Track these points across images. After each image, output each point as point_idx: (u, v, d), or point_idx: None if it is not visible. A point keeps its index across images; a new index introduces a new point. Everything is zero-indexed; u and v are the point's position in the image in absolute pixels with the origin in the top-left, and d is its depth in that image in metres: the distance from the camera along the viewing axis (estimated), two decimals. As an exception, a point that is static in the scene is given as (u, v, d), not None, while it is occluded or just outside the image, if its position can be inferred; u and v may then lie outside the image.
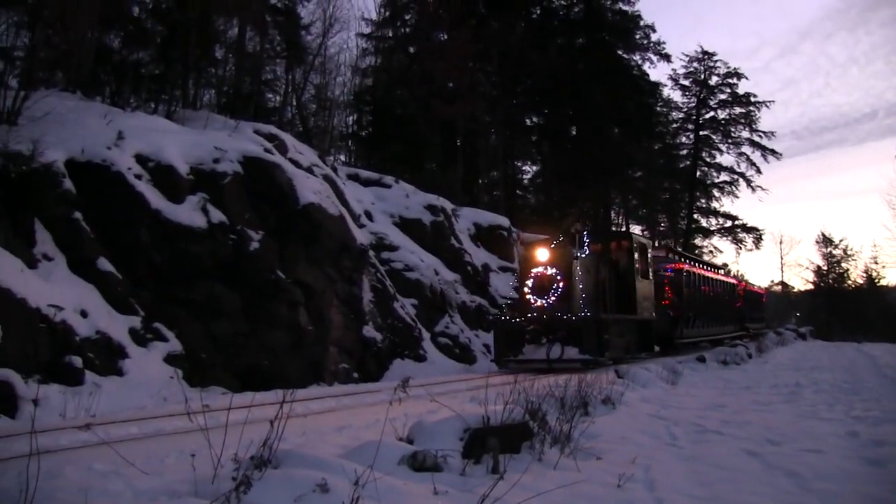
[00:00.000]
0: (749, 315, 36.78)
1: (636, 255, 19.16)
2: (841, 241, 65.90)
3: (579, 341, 15.65)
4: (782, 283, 73.26)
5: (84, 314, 12.40)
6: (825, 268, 66.43)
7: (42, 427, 6.67)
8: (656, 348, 22.20)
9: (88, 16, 19.30)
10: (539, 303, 16.66)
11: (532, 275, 16.96)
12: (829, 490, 5.14)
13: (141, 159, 15.29)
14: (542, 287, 16.72)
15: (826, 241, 66.21)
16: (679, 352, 22.68)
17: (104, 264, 13.70)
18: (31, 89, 15.66)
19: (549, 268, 16.79)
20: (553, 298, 16.50)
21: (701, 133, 54.17)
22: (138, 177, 14.91)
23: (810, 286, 69.56)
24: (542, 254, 16.97)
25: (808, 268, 67.74)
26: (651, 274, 20.52)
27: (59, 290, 12.22)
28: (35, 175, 12.53)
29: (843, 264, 65.95)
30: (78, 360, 11.53)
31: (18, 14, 18.59)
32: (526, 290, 17.02)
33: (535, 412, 6.52)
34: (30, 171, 12.40)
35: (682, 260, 26.57)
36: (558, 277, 16.59)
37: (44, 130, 13.84)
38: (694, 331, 25.32)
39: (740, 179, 54.14)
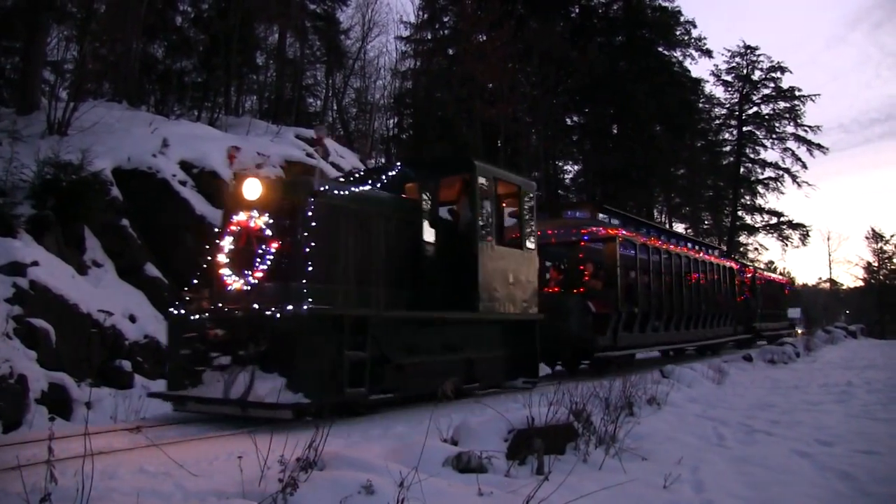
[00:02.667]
0: (761, 312, 28.84)
1: (485, 204, 10.89)
2: (892, 236, 64.33)
3: (289, 364, 7.58)
4: (830, 281, 71.84)
5: (133, 319, 12.66)
6: (876, 264, 64.91)
7: (95, 429, 6.83)
8: (548, 369, 14.89)
9: (134, 28, 19.77)
10: (237, 283, 8.44)
11: (230, 229, 8.69)
12: (889, 494, 4.99)
13: (185, 166, 15.60)
14: (242, 253, 8.49)
15: (877, 236, 64.73)
16: (611, 371, 13.97)
17: (151, 270, 13.99)
18: (80, 101, 16.09)
19: (256, 215, 8.48)
20: (260, 275, 8.30)
21: (744, 129, 53.32)
22: (183, 183, 15.20)
23: (860, 283, 68.09)
24: (250, 188, 8.59)
25: (857, 264, 66.25)
26: (531, 240, 12.25)
27: (108, 296, 12.50)
28: (84, 184, 12.84)
29: (896, 260, 64.36)
30: (127, 364, 11.80)
31: (68, 28, 19.11)
32: (221, 258, 8.68)
33: (579, 413, 6.48)
34: (79, 180, 12.71)
35: (623, 225, 17.82)
36: (267, 234, 8.38)
37: (92, 140, 14.22)
38: (645, 336, 17.12)
39: (785, 175, 53.21)
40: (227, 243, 8.67)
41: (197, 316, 8.52)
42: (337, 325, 7.98)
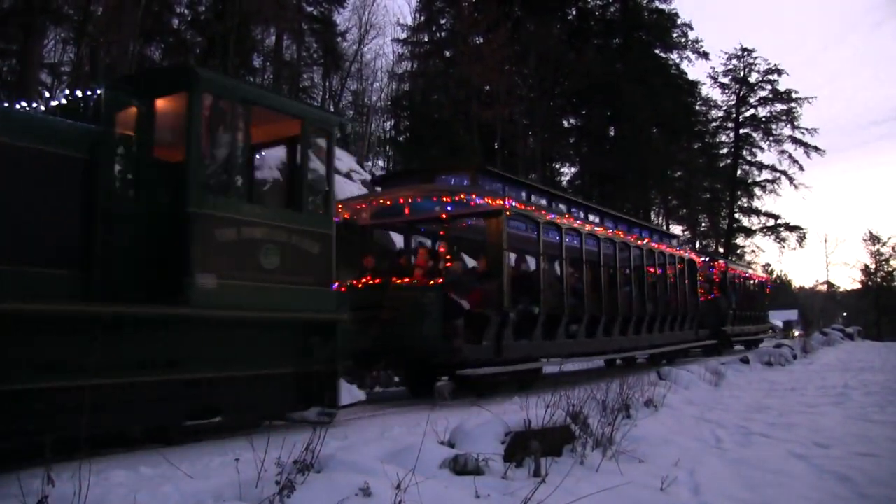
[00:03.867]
0: (734, 313, 24.66)
1: (221, 139, 7.62)
2: (889, 238, 64.39)
3: None
4: (828, 283, 71.99)
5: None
6: (873, 266, 65.01)
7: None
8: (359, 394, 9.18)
9: (130, 30, 19.77)
10: None
11: None
12: (886, 496, 4.99)
13: (183, 168, 15.60)
14: None
15: (874, 238, 64.82)
16: (504, 392, 10.93)
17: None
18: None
19: None
20: None
21: (741, 131, 53.43)
22: (181, 185, 15.20)
23: (857, 285, 68.23)
24: None
25: (855, 266, 66.35)
26: (326, 202, 8.72)
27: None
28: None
29: (893, 262, 64.50)
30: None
31: (64, 30, 19.13)
32: None
33: (576, 415, 6.47)
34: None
35: (519, 195, 13.13)
36: None
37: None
38: (556, 345, 12.86)
39: (782, 177, 53.31)
40: None
41: None
42: None
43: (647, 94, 40.13)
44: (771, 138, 53.50)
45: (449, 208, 11.82)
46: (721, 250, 49.36)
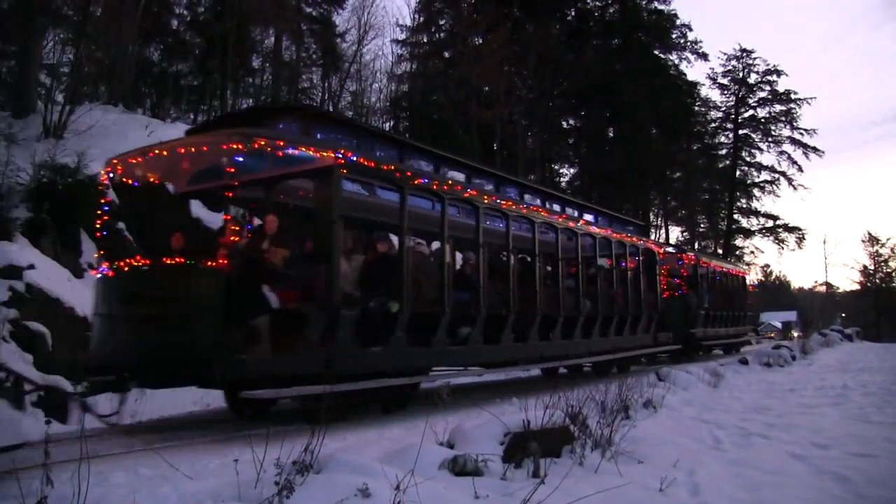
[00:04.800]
0: (706, 313, 21.61)
1: None
2: (888, 239, 64.40)
3: None
4: (827, 284, 71.99)
5: (129, 322, 12.41)
6: (872, 267, 65.02)
7: (92, 432, 6.81)
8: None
9: (130, 31, 19.77)
10: None
11: None
12: (884, 497, 4.99)
13: (182, 169, 15.60)
14: None
15: (873, 239, 64.83)
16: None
17: (148, 273, 13.98)
18: (76, 104, 16.13)
19: None
20: None
21: (740, 132, 53.34)
22: (180, 186, 15.22)
23: (856, 286, 68.24)
24: None
25: (853, 267, 66.35)
26: None
27: (105, 299, 12.40)
28: (80, 187, 12.85)
29: (892, 263, 64.52)
30: (124, 367, 11.41)
31: (64, 31, 19.11)
32: None
33: (575, 416, 6.47)
34: (75, 183, 12.73)
35: (393, 152, 9.78)
36: None
37: (88, 143, 14.26)
38: (435, 354, 9.99)
39: (781, 178, 53.18)
40: None
41: None
42: None
43: (647, 94, 40.13)
44: (770, 139, 53.47)
45: (239, 160, 7.72)
46: (720, 251, 49.35)
